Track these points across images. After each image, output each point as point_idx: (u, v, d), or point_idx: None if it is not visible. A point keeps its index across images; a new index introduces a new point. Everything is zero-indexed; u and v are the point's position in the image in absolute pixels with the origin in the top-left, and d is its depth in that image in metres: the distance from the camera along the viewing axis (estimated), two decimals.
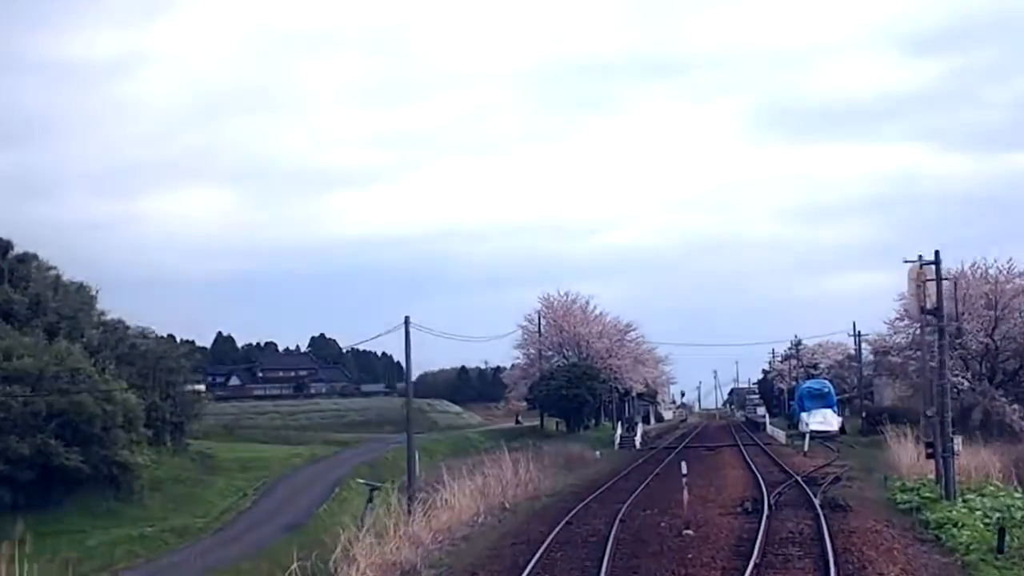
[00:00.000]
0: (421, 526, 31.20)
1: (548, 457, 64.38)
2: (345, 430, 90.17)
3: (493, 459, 49.97)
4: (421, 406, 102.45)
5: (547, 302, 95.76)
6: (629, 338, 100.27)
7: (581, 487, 45.68)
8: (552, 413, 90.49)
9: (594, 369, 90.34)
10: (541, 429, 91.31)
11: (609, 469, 57.66)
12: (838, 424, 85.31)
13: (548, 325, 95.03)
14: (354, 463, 72.14)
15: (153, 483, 59.38)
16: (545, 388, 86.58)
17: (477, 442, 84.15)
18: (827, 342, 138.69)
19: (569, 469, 59.77)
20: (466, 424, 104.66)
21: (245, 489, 63.99)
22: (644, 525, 29.10)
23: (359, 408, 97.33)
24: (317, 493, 61.67)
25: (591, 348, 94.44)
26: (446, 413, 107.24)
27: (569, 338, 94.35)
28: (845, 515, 29.84)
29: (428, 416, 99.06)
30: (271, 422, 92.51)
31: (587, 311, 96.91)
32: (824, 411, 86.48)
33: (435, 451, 79.52)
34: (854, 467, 50.37)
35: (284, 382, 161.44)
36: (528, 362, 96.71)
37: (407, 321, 47.02)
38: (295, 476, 68.79)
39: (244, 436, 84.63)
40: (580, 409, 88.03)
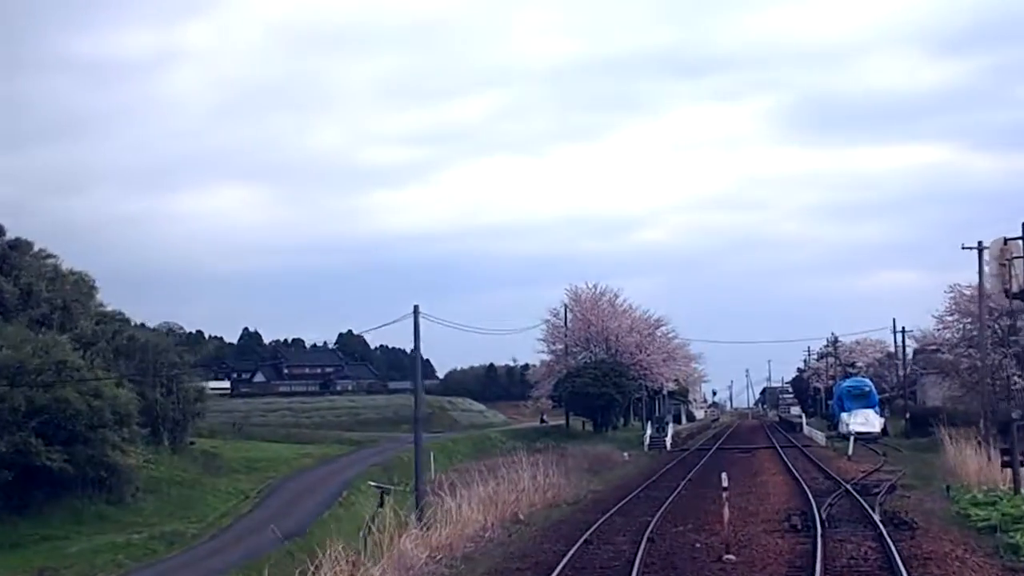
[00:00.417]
0: (417, 542, 27.00)
1: (572, 459, 60.76)
2: (362, 429, 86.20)
3: (510, 462, 46.27)
4: (442, 404, 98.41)
5: (574, 294, 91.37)
6: (660, 333, 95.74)
7: (606, 495, 41.40)
8: (578, 412, 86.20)
9: (623, 365, 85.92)
10: (566, 429, 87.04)
11: (637, 473, 53.39)
12: (880, 425, 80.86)
13: (575, 319, 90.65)
14: (367, 464, 68.24)
15: (149, 485, 55.55)
16: (571, 386, 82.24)
17: (498, 442, 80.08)
18: (865, 340, 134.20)
19: (594, 473, 55.60)
20: (489, 423, 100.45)
21: (248, 491, 60.16)
22: (677, 545, 24.79)
23: (377, 406, 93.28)
24: (324, 496, 57.84)
25: (620, 343, 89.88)
26: (468, 411, 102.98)
27: (597, 332, 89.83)
28: (913, 535, 25.43)
29: (449, 414, 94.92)
30: (283, 420, 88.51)
31: (616, 304, 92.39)
32: (866, 411, 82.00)
33: (454, 451, 75.53)
34: (907, 474, 45.82)
35: (310, 379, 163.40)
36: (554, 358, 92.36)
37: (416, 310, 42.92)
38: (303, 477, 65.01)
39: (255, 435, 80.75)
40: (608, 408, 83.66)
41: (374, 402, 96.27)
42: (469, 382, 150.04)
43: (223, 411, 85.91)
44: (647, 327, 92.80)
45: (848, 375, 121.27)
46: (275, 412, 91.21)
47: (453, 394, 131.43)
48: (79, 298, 63.18)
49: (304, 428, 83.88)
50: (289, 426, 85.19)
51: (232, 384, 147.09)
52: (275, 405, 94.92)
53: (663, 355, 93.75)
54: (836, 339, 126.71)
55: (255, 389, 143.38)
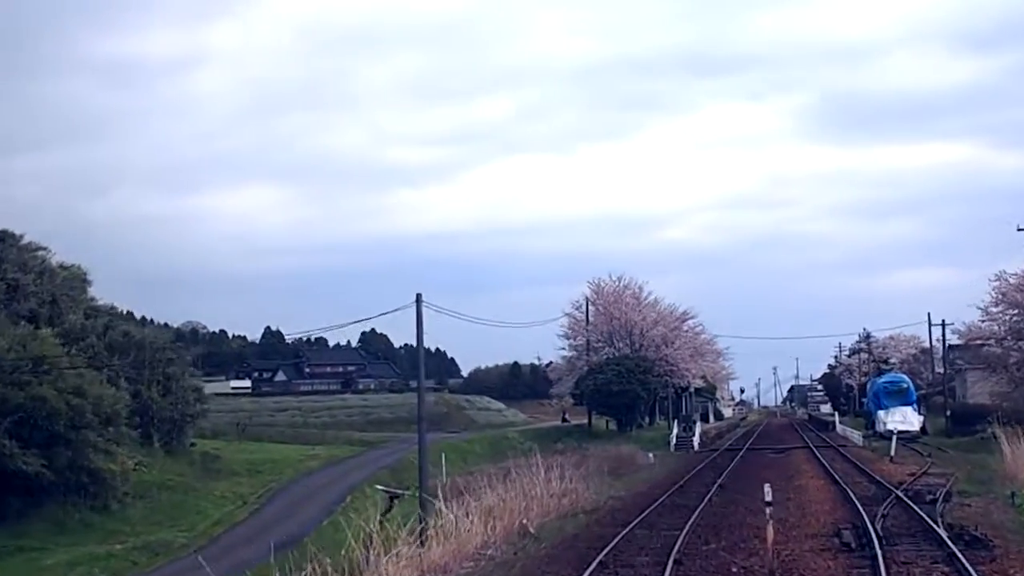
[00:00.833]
0: (406, 562, 23.36)
1: (593, 460, 57.42)
2: (373, 429, 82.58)
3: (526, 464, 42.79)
4: (459, 403, 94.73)
5: (596, 287, 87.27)
6: (687, 327, 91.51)
7: (628, 502, 37.56)
8: (601, 411, 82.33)
9: (648, 361, 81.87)
10: (589, 428, 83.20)
11: (663, 477, 49.49)
12: (920, 424, 76.85)
13: (597, 313, 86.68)
14: (376, 466, 64.77)
15: (139, 490, 52.12)
16: (592, 383, 78.28)
17: (516, 443, 76.37)
18: (899, 335, 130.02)
19: (617, 476, 51.90)
20: (508, 423, 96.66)
21: (247, 496, 56.69)
22: (709, 569, 20.89)
23: (392, 404, 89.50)
24: (327, 501, 54.42)
25: (644, 338, 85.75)
26: (487, 410, 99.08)
27: (620, 327, 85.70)
28: (990, 554, 21.52)
29: (466, 414, 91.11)
30: (291, 420, 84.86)
31: (640, 297, 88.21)
32: (904, 409, 77.89)
33: (468, 452, 71.94)
34: (959, 478, 41.75)
35: (332, 378, 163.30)
36: (575, 354, 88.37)
37: (418, 299, 39.17)
38: (307, 481, 61.58)
39: (261, 435, 77.21)
40: (632, 406, 79.72)
41: (388, 401, 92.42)
42: (493, 381, 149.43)
43: (229, 411, 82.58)
44: (673, 321, 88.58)
45: (881, 371, 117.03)
46: (284, 412, 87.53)
47: (477, 393, 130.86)
48: (69, 292, 59.75)
49: (314, 428, 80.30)
50: (298, 426, 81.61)
51: (253, 383, 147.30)
52: (284, 404, 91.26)
53: (690, 350, 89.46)
54: (869, 335, 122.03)
55: (276, 388, 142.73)
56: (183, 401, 62.23)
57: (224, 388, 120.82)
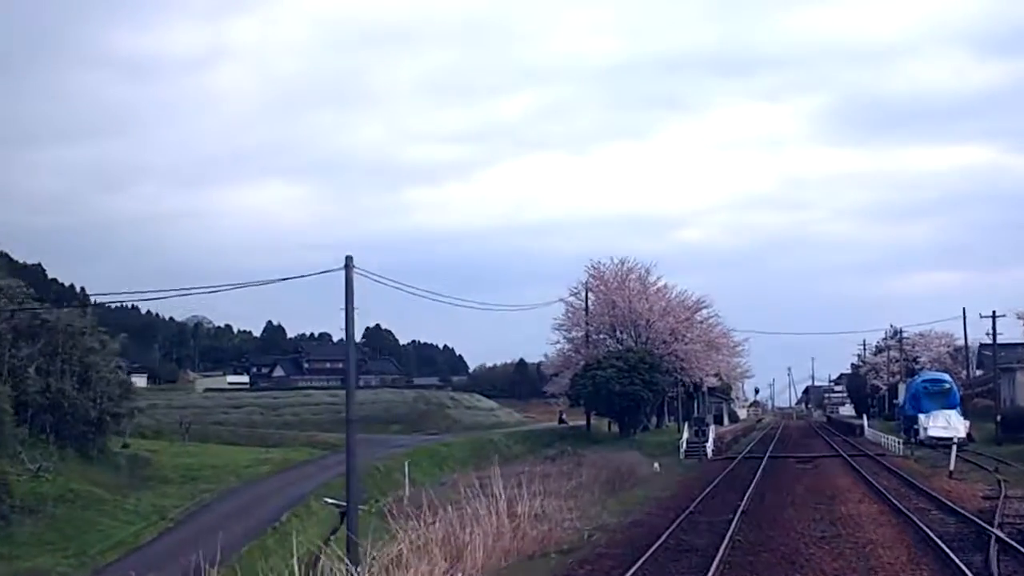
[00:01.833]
0: None
1: (588, 469, 49.04)
2: (343, 428, 73.19)
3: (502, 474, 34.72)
4: (441, 400, 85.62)
5: (596, 271, 77.76)
6: (700, 318, 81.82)
7: (620, 537, 28.35)
8: (600, 412, 72.97)
9: (654, 356, 72.46)
10: (587, 431, 73.97)
11: (669, 495, 40.35)
12: (965, 429, 67.70)
13: (597, 300, 77.25)
14: (334, 473, 55.37)
15: (33, 502, 42.91)
16: (591, 380, 68.87)
17: (502, 447, 67.39)
18: (930, 332, 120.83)
19: (612, 491, 43.05)
20: (499, 423, 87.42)
21: (169, 510, 47.36)
22: None
23: (364, 402, 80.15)
24: (264, 517, 45.17)
25: (651, 329, 76.14)
26: (474, 409, 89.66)
27: (623, 316, 76.08)
28: None
29: (447, 413, 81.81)
30: (250, 418, 75.69)
31: (647, 282, 78.52)
32: (947, 413, 68.98)
33: (446, 458, 62.82)
34: None
35: (331, 373, 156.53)
36: (572, 348, 79.00)
37: (348, 263, 29.99)
38: (249, 490, 52.50)
39: (213, 436, 68.02)
40: (636, 407, 70.28)
41: (361, 397, 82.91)
42: (498, 379, 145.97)
43: (180, 407, 74.02)
44: (684, 310, 78.84)
45: (912, 372, 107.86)
46: (242, 408, 78.34)
47: (482, 391, 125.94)
48: None
49: (276, 428, 71.23)
50: (258, 426, 72.50)
51: (251, 379, 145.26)
52: (242, 401, 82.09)
53: (703, 344, 79.75)
54: (900, 331, 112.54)
55: (274, 384, 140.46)
56: (105, 396, 52.97)
57: (221, 383, 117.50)
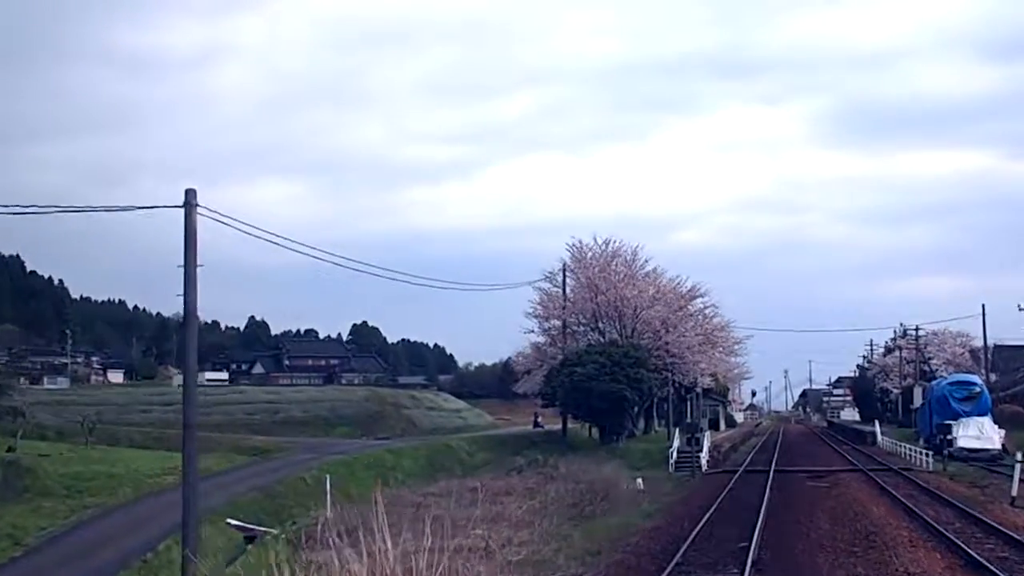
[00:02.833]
0: None
1: (558, 485, 40.43)
2: (280, 431, 64.25)
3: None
4: (398, 399, 76.32)
5: (577, 252, 68.23)
6: (695, 307, 72.22)
7: None
8: (579, 414, 63.63)
9: (642, 350, 63.20)
10: (563, 437, 64.76)
11: (652, 526, 31.17)
12: (1000, 440, 58.85)
13: (578, 286, 67.86)
14: (247, 485, 46.44)
15: None
16: (568, 378, 59.57)
17: (463, 455, 58.20)
18: (944, 331, 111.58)
19: (582, 517, 34.22)
20: (464, 427, 78.17)
21: (30, 531, 38.45)
22: None
23: (308, 400, 70.83)
24: (150, 539, 36.24)
25: (639, 320, 66.75)
26: (437, 411, 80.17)
27: (607, 304, 66.64)
28: None
29: (405, 414, 72.41)
30: (176, 418, 66.01)
31: (634, 266, 69.04)
32: (979, 420, 60.43)
33: (394, 468, 53.60)
34: None
35: (313, 371, 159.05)
36: (548, 340, 69.64)
37: (189, 198, 20.76)
38: (144, 504, 44.24)
39: (124, 438, 58.68)
40: (620, 409, 60.87)
41: (304, 396, 73.33)
42: (486, 379, 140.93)
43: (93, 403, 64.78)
44: (677, 299, 69.18)
45: (925, 374, 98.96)
46: (171, 407, 68.67)
47: (469, 394, 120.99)
48: None
49: (201, 430, 61.58)
50: (180, 426, 62.88)
51: (231, 375, 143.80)
52: (169, 398, 72.41)
53: (699, 337, 70.12)
54: (915, 328, 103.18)
55: (254, 381, 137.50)
56: None
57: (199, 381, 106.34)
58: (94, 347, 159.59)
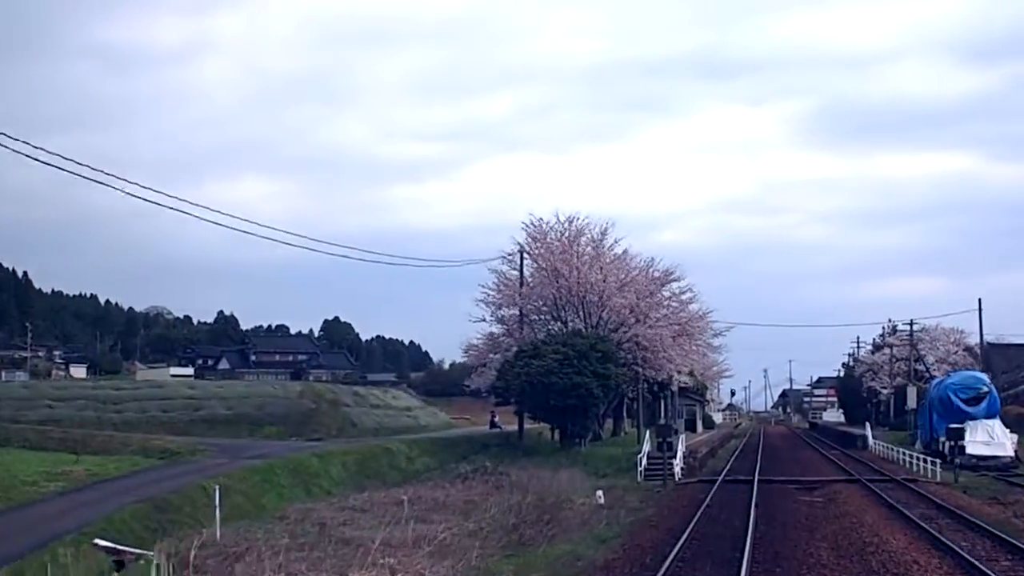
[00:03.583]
0: None
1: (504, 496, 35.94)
2: (200, 430, 57.27)
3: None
4: (336, 395, 69.26)
5: (536, 231, 61.00)
6: (669, 292, 65.16)
7: None
8: (537, 413, 56.61)
9: (609, 342, 56.35)
10: (519, 439, 57.98)
11: (605, 561, 24.49)
12: (1012, 446, 52.86)
13: (538, 269, 60.88)
14: (140, 495, 39.24)
15: None
16: (523, 372, 52.62)
17: (403, 459, 51.29)
18: (937, 327, 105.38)
19: (522, 542, 27.58)
20: (411, 427, 71.16)
21: None
22: None
23: (233, 397, 63.70)
24: None
25: (606, 307, 59.72)
26: (384, 408, 72.87)
27: (569, 290, 59.58)
28: None
29: (344, 412, 65.29)
30: (79, 414, 59.06)
31: (601, 246, 61.89)
32: (988, 424, 54.70)
33: (318, 475, 46.61)
34: None
35: (281, 366, 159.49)
36: (503, 330, 62.67)
37: None
38: (6, 519, 36.16)
39: (15, 436, 51.44)
40: (583, 408, 53.91)
41: (224, 392, 65.90)
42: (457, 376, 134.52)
43: None
44: (649, 283, 62.03)
45: (918, 373, 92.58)
46: (75, 402, 61.60)
47: (441, 391, 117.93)
48: None
49: (109, 428, 54.73)
50: (88, 424, 56.00)
51: (197, 371, 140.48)
52: (71, 392, 65.28)
53: (673, 328, 62.72)
54: (911, 323, 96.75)
55: (219, 376, 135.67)
56: None
57: (165, 375, 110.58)
58: (61, 341, 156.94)
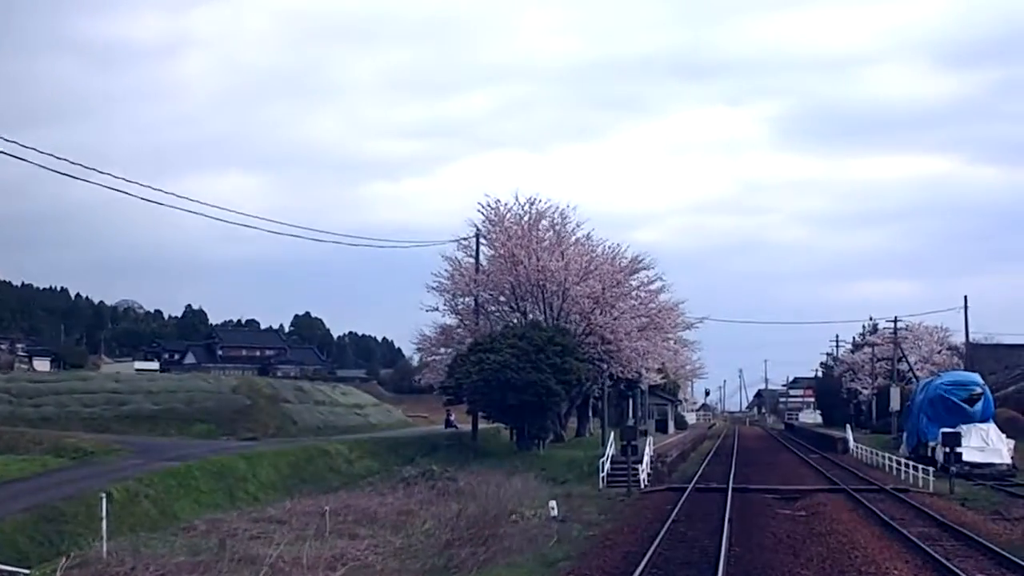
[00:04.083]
0: None
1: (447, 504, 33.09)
2: (123, 427, 52.79)
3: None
4: (279, 391, 64.77)
5: (493, 213, 56.35)
6: (637, 281, 60.44)
7: None
8: (492, 412, 52.07)
9: (571, 335, 51.94)
10: (473, 440, 53.55)
11: None
12: (1009, 452, 48.87)
13: (495, 256, 56.37)
14: (30, 501, 34.76)
15: None
16: (477, 366, 48.17)
17: (343, 461, 46.80)
18: (920, 326, 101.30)
19: (448, 568, 22.70)
20: (363, 425, 66.69)
21: None
22: None
23: (161, 391, 58.99)
24: None
25: (568, 297, 55.23)
26: (332, 405, 68.23)
27: (528, 277, 55.06)
28: None
29: (284, 409, 60.75)
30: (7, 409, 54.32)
31: (563, 232, 57.39)
32: (983, 428, 51.17)
33: (245, 479, 42.05)
34: None
35: (247, 361, 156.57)
36: (456, 322, 58.18)
37: None
38: None
39: None
40: (541, 406, 49.44)
41: (151, 386, 61.16)
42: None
43: None
44: (615, 271, 57.29)
45: (898, 375, 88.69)
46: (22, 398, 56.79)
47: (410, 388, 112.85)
48: None
49: (24, 424, 50.01)
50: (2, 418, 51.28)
51: (162, 365, 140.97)
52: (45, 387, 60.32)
53: (641, 319, 57.99)
54: (895, 320, 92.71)
55: (184, 371, 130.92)
56: None
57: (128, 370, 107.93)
58: (26, 335, 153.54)
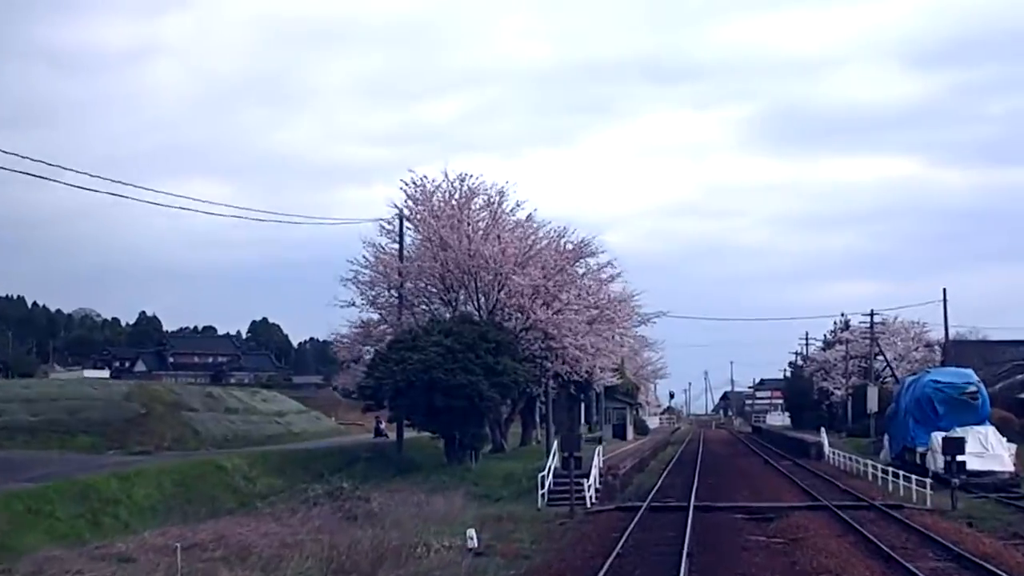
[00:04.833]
0: None
1: (348, 533, 27.11)
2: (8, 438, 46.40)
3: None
4: (182, 398, 58.36)
5: (419, 191, 49.66)
6: (584, 268, 53.77)
7: None
8: (416, 418, 45.64)
9: (506, 330, 45.69)
10: (399, 451, 47.33)
11: None
12: (1011, 458, 43.46)
13: (423, 242, 49.96)
14: None
15: None
16: (399, 367, 41.93)
17: (241, 479, 40.47)
18: (895, 321, 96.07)
19: None
20: (282, 435, 60.43)
21: None
22: None
23: (41, 399, 52.40)
24: None
25: (505, 286, 48.72)
26: (244, 414, 61.80)
27: (459, 266, 48.44)
28: None
29: (184, 418, 54.34)
30: None
31: (498, 212, 50.63)
32: (981, 432, 45.40)
33: (118, 502, 35.61)
34: None
35: (200, 368, 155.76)
36: (378, 317, 51.82)
37: None
38: None
39: None
40: (474, 413, 43.17)
41: (29, 393, 54.65)
42: None
43: None
44: (560, 258, 50.60)
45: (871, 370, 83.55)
46: None
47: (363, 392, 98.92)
48: None
49: None
50: None
51: (113, 373, 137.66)
52: None
53: (590, 312, 51.32)
54: (871, 313, 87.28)
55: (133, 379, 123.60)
56: None
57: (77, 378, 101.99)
58: None
